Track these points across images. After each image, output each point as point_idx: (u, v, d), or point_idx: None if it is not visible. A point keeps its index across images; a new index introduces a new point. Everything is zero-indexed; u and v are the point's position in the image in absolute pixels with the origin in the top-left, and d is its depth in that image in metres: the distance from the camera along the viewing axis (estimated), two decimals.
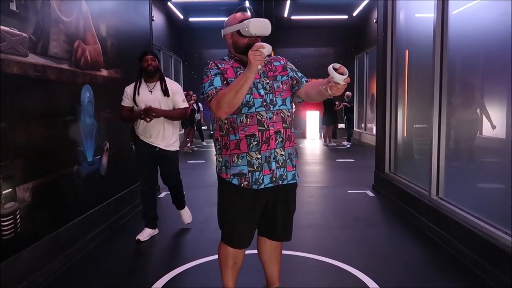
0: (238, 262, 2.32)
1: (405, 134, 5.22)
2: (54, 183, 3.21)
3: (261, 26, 2.07)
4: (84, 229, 3.59)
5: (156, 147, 3.74)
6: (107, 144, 4.19)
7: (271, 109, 2.13)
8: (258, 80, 2.15)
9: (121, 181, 4.52)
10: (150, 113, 3.58)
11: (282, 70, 2.27)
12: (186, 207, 4.27)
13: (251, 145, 2.10)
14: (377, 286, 2.81)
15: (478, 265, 3.06)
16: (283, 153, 2.17)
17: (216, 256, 2.42)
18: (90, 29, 3.85)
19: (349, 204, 5.18)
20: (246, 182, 2.13)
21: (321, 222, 4.42)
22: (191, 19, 14.40)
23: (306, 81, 2.30)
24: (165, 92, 3.70)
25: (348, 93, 12.17)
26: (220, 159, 2.21)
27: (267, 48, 1.90)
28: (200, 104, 11.71)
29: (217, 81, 2.10)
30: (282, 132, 2.15)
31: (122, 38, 4.59)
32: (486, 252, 3.00)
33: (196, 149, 11.01)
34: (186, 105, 3.81)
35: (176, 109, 3.78)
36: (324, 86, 1.95)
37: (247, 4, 12.51)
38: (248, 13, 2.23)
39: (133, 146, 3.90)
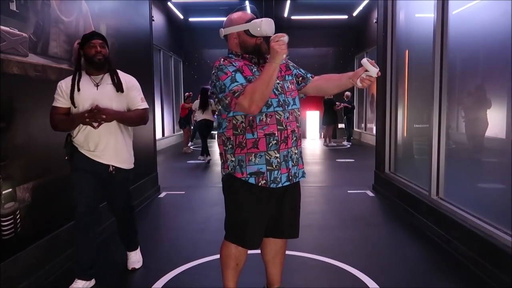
0: (240, 263, 2.32)
1: (405, 134, 5.22)
2: (54, 183, 3.21)
3: (272, 26, 2.11)
4: None
5: (107, 164, 2.76)
6: None
7: (287, 108, 2.15)
8: None
9: None
10: (98, 115, 2.60)
11: (286, 69, 2.27)
12: (138, 249, 3.28)
13: (270, 144, 2.10)
14: (377, 286, 2.81)
15: (478, 265, 3.06)
16: (296, 151, 2.22)
17: (216, 256, 2.42)
18: (90, 29, 3.84)
19: (349, 204, 5.18)
20: (264, 181, 2.11)
21: (321, 222, 4.42)
22: (191, 19, 14.41)
23: (312, 76, 2.34)
24: (118, 87, 2.74)
25: (347, 93, 12.18)
26: (233, 159, 2.15)
27: (286, 37, 1.94)
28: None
29: (240, 78, 2.06)
30: (296, 131, 2.19)
31: (122, 38, 4.59)
32: (486, 252, 3.00)
33: (193, 148, 11.01)
34: (146, 105, 2.91)
35: (134, 110, 2.84)
36: (352, 80, 2.08)
37: (247, 4, 12.51)
38: (250, 13, 2.21)
39: (69, 162, 2.80)
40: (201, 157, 8.90)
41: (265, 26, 2.08)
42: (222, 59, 2.14)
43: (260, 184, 2.11)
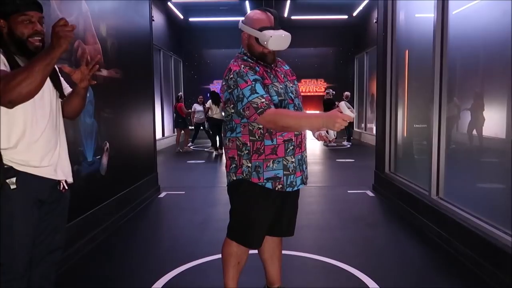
0: (241, 262, 2.33)
1: (405, 134, 5.22)
2: None
3: (282, 42, 2.07)
4: (84, 229, 3.58)
5: (56, 181, 1.92)
6: (107, 144, 4.19)
7: None
8: (285, 84, 2.15)
9: (121, 181, 4.52)
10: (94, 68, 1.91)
11: (291, 74, 2.31)
12: None
13: (288, 149, 2.12)
14: (377, 286, 2.81)
15: (478, 265, 3.06)
16: (306, 154, 2.28)
17: (216, 256, 2.43)
18: (90, 29, 3.85)
19: (349, 204, 5.18)
20: (280, 186, 2.13)
21: (321, 222, 4.42)
22: (191, 19, 14.40)
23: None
24: (57, 80, 1.99)
25: (347, 93, 12.19)
26: (249, 164, 2.12)
27: (353, 115, 1.82)
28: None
29: (260, 88, 2.01)
30: (305, 135, 2.24)
31: (122, 38, 4.59)
32: (486, 252, 3.00)
33: (193, 148, 11.01)
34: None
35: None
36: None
37: (247, 4, 12.51)
38: (272, 18, 2.10)
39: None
40: (216, 151, 10.10)
41: (272, 42, 2.04)
42: (243, 66, 2.07)
43: (276, 188, 2.13)
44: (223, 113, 2.26)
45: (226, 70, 2.12)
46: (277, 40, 2.04)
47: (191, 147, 11.14)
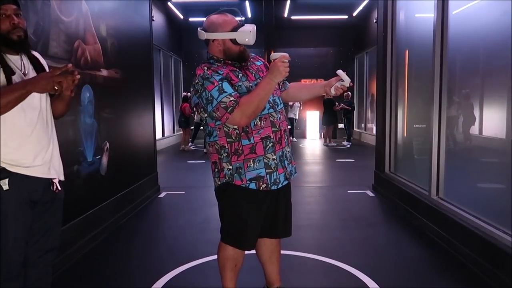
0: (238, 264, 2.32)
1: (405, 134, 5.22)
2: None
3: (255, 34, 2.10)
4: (84, 229, 3.58)
5: (48, 180, 1.94)
6: (107, 144, 4.19)
7: (277, 109, 2.16)
8: (256, 83, 2.13)
9: (121, 181, 4.52)
10: (74, 76, 1.75)
11: (266, 69, 2.26)
12: None
13: (267, 147, 2.10)
14: (377, 286, 2.81)
15: (478, 265, 3.06)
16: (289, 149, 2.25)
17: (216, 256, 2.42)
18: (90, 29, 3.85)
19: (349, 204, 5.18)
20: (265, 185, 2.11)
21: (321, 222, 4.42)
22: (191, 19, 14.39)
23: (288, 83, 2.41)
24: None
25: (347, 93, 12.19)
26: (230, 167, 2.10)
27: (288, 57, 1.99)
28: None
29: (227, 87, 2.01)
30: (287, 131, 2.22)
31: (122, 38, 4.59)
32: (486, 252, 3.00)
33: (193, 148, 11.01)
34: None
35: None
36: (325, 88, 2.22)
37: (247, 4, 12.51)
38: (232, 16, 2.15)
39: None
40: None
41: (253, 36, 2.08)
42: (206, 68, 2.08)
43: (261, 188, 2.11)
44: None
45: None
46: (254, 32, 2.09)
47: (191, 147, 11.16)
